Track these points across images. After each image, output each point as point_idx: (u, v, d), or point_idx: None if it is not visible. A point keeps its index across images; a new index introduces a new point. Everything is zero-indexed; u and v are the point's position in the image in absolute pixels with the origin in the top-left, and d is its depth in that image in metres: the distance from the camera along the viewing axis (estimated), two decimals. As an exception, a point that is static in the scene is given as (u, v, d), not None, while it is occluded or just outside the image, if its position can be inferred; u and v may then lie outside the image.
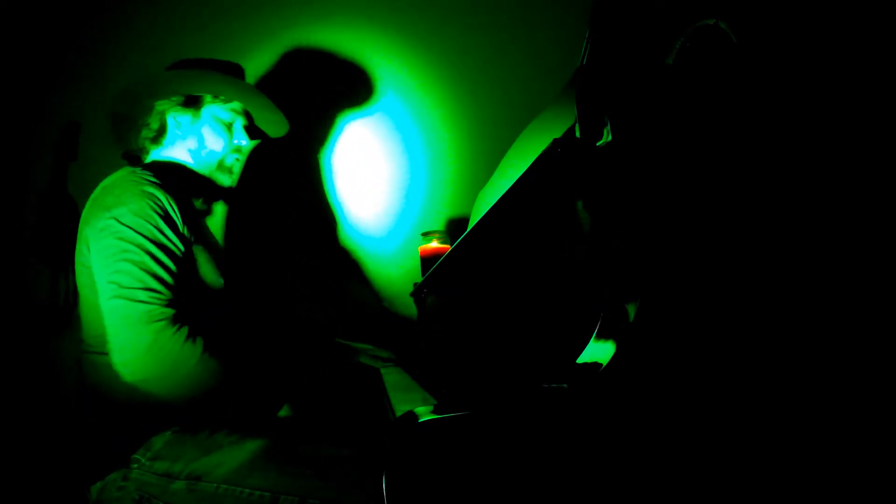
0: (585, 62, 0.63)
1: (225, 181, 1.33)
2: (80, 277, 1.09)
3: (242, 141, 1.32)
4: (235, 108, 1.32)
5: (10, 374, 1.71)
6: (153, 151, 1.30)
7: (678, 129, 0.64)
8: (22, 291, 1.77)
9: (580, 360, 0.63)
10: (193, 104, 1.28)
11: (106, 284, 1.00)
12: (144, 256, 1.00)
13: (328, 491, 0.91)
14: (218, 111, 1.30)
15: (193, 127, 1.28)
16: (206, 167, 1.29)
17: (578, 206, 0.78)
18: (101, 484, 0.97)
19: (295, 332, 1.63)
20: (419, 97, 1.82)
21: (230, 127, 1.31)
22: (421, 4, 1.82)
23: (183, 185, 1.20)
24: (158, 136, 1.29)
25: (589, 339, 0.64)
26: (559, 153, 0.61)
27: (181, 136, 1.28)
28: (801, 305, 0.62)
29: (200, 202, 1.31)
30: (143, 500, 0.93)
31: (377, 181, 1.83)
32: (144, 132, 1.29)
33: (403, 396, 0.97)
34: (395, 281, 1.80)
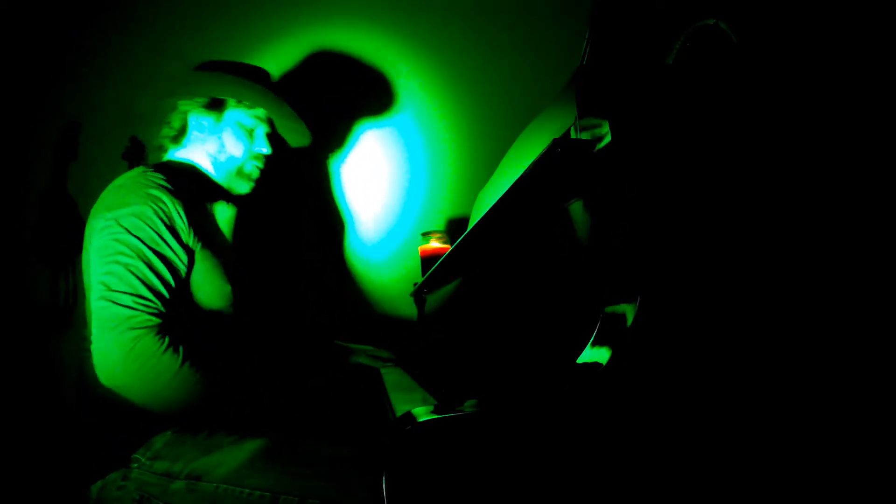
0: (585, 62, 0.63)
1: (243, 189, 1.31)
2: (85, 274, 1.09)
3: (263, 149, 1.30)
4: (259, 114, 1.30)
5: (10, 374, 1.71)
6: (171, 150, 1.28)
7: (678, 128, 0.64)
8: (22, 291, 1.77)
9: (580, 360, 0.63)
10: (217, 107, 1.26)
11: (96, 284, 0.99)
12: (138, 261, 0.99)
13: (328, 491, 0.91)
14: (241, 116, 1.28)
15: (215, 130, 1.26)
16: (224, 173, 1.28)
17: (578, 206, 0.78)
18: (101, 483, 0.97)
19: (303, 335, 1.63)
20: (419, 97, 1.82)
21: (252, 133, 1.29)
22: (420, 4, 1.82)
23: (195, 188, 1.18)
24: (179, 135, 1.27)
25: (589, 338, 0.64)
26: (559, 153, 0.61)
27: (202, 138, 1.26)
28: (801, 305, 0.62)
29: (212, 207, 1.29)
30: (143, 499, 0.93)
31: (377, 181, 1.83)
32: (165, 130, 1.28)
33: (403, 396, 0.97)
34: (395, 281, 1.80)
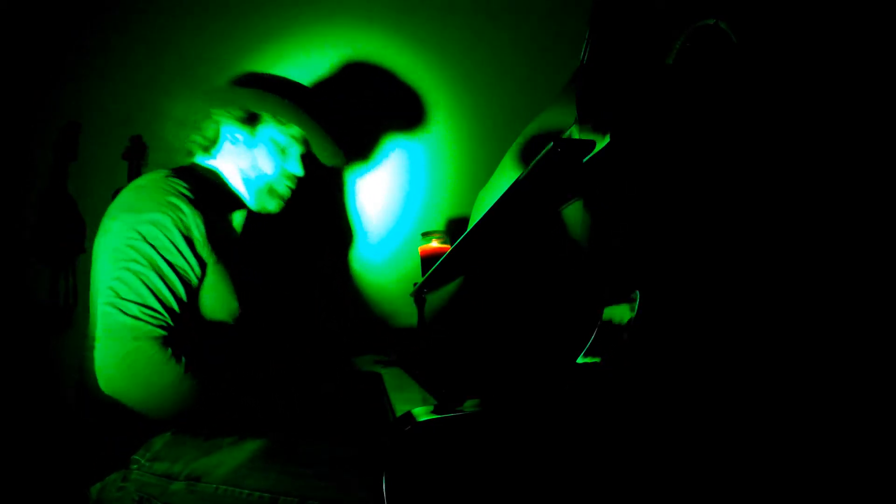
0: (585, 62, 0.63)
1: (271, 206, 1.28)
2: (92, 270, 1.07)
3: (296, 169, 1.28)
4: (294, 133, 1.27)
5: (10, 374, 1.71)
6: (199, 157, 1.26)
7: (678, 128, 0.64)
8: (22, 291, 1.77)
9: (580, 360, 0.63)
10: (252, 122, 1.23)
11: (104, 287, 0.98)
12: (150, 271, 0.97)
13: (328, 491, 0.91)
14: (276, 133, 1.25)
15: (248, 145, 1.24)
16: (254, 189, 1.25)
17: (571, 209, 0.78)
18: (100, 485, 0.97)
19: (314, 342, 1.62)
20: (419, 98, 1.82)
21: (285, 151, 1.27)
22: (420, 4, 1.82)
23: (216, 200, 1.16)
24: (210, 145, 1.24)
25: (589, 339, 0.64)
26: (559, 153, 0.61)
27: (234, 151, 1.24)
28: (801, 305, 0.62)
29: (231, 218, 1.25)
30: (142, 500, 0.93)
31: (377, 182, 1.83)
32: (196, 136, 1.25)
33: (403, 396, 0.98)
34: (395, 281, 1.80)
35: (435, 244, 1.56)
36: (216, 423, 1.01)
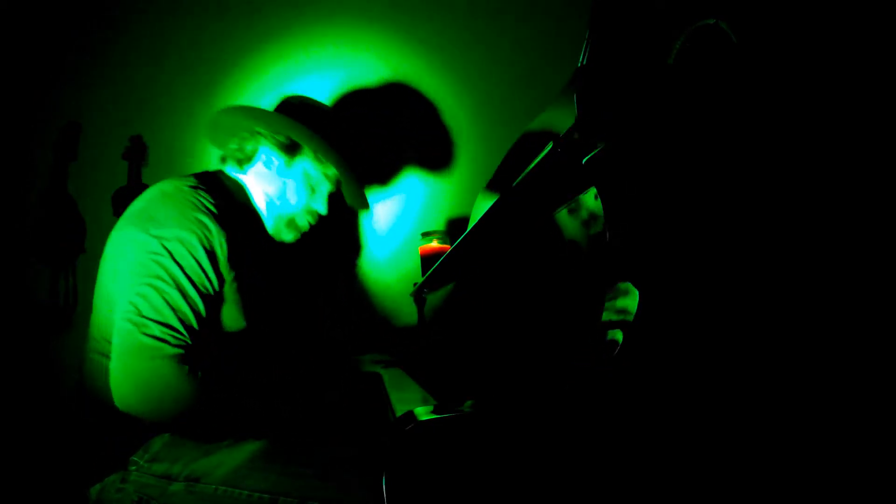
0: (585, 62, 0.63)
1: (287, 237, 1.27)
2: (104, 273, 1.05)
3: (321, 208, 1.28)
4: (328, 173, 1.26)
5: (10, 374, 1.71)
6: (230, 167, 1.24)
7: (678, 129, 0.64)
8: (22, 291, 1.77)
9: (580, 360, 0.63)
10: (292, 151, 1.21)
11: (125, 302, 0.95)
12: (175, 291, 0.95)
13: (328, 491, 0.90)
14: (311, 168, 1.24)
15: (281, 172, 1.22)
16: (274, 216, 1.24)
17: (564, 213, 0.78)
18: (99, 485, 0.97)
19: (320, 351, 1.61)
20: (419, 98, 1.82)
21: (315, 188, 1.26)
22: (420, 4, 1.82)
23: (239, 217, 1.14)
24: (244, 160, 1.22)
25: (589, 338, 0.64)
26: (559, 153, 0.61)
27: (266, 175, 1.22)
28: (801, 306, 0.61)
29: (249, 237, 1.20)
30: (141, 501, 0.92)
31: (377, 181, 1.83)
32: (234, 149, 1.23)
33: (403, 396, 0.97)
34: (395, 281, 1.80)
35: (435, 244, 1.56)
36: (222, 428, 1.00)
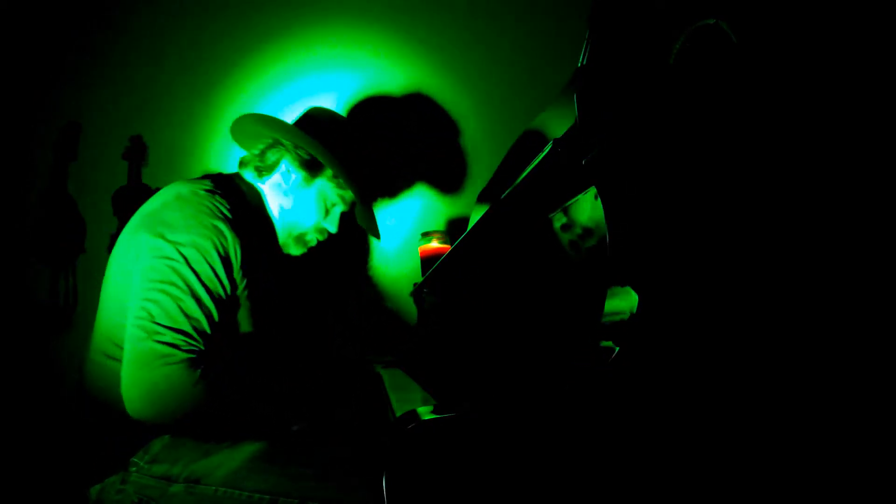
0: (585, 62, 0.63)
1: (294, 251, 1.27)
2: (112, 274, 1.04)
3: (332, 228, 1.27)
4: (345, 196, 1.26)
5: (10, 374, 1.71)
6: (248, 173, 1.23)
7: (678, 129, 0.64)
8: (22, 291, 1.77)
9: (580, 360, 0.63)
10: (313, 169, 1.20)
11: (138, 307, 0.94)
12: (190, 298, 0.95)
13: (328, 491, 0.90)
14: (329, 190, 1.23)
15: (299, 188, 1.21)
16: (285, 230, 1.23)
17: (559, 216, 0.78)
18: (99, 487, 0.97)
19: (330, 368, 1.60)
20: (419, 98, 1.82)
21: (329, 210, 1.26)
22: (420, 4, 1.82)
23: (252, 220, 1.13)
24: (264, 170, 1.21)
25: (588, 339, 0.64)
26: (559, 153, 0.61)
27: (283, 188, 1.21)
28: (801, 306, 0.61)
29: (261, 244, 1.20)
30: (141, 502, 0.92)
31: (377, 182, 1.83)
32: (255, 155, 1.22)
33: (403, 396, 0.98)
34: (394, 281, 1.80)
35: (435, 244, 1.56)
36: (228, 429, 1.00)
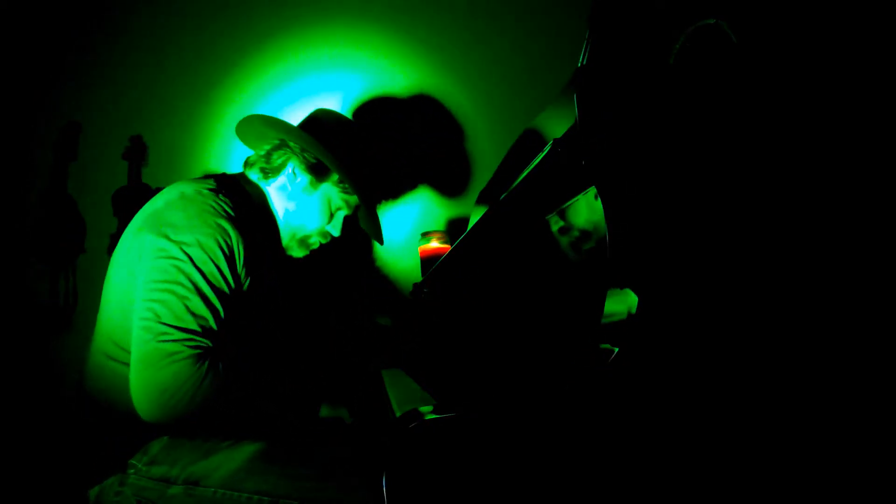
0: (585, 62, 0.63)
1: (297, 253, 1.27)
2: (115, 274, 1.04)
3: (335, 232, 1.27)
4: (350, 201, 1.26)
5: (10, 374, 1.71)
6: (253, 173, 1.22)
7: (678, 129, 0.64)
8: (22, 291, 1.77)
9: (580, 360, 0.63)
10: (319, 173, 1.21)
11: (144, 309, 0.94)
12: (196, 297, 0.95)
13: (328, 491, 0.90)
14: (334, 194, 1.24)
15: (304, 192, 1.21)
16: (288, 232, 1.24)
17: (555, 217, 0.78)
18: (98, 489, 0.96)
19: (331, 372, 1.60)
20: (419, 97, 1.82)
21: (334, 215, 1.26)
22: (421, 4, 1.82)
23: (256, 219, 1.13)
24: (270, 172, 1.21)
25: (588, 339, 0.63)
26: (559, 153, 0.61)
27: (288, 191, 1.21)
28: (801, 306, 0.61)
29: (264, 244, 1.19)
30: (140, 504, 0.92)
31: (377, 181, 1.83)
32: (261, 157, 1.21)
33: (403, 396, 0.97)
34: (394, 281, 1.80)
35: (435, 244, 1.56)
36: (229, 424, 1.00)
